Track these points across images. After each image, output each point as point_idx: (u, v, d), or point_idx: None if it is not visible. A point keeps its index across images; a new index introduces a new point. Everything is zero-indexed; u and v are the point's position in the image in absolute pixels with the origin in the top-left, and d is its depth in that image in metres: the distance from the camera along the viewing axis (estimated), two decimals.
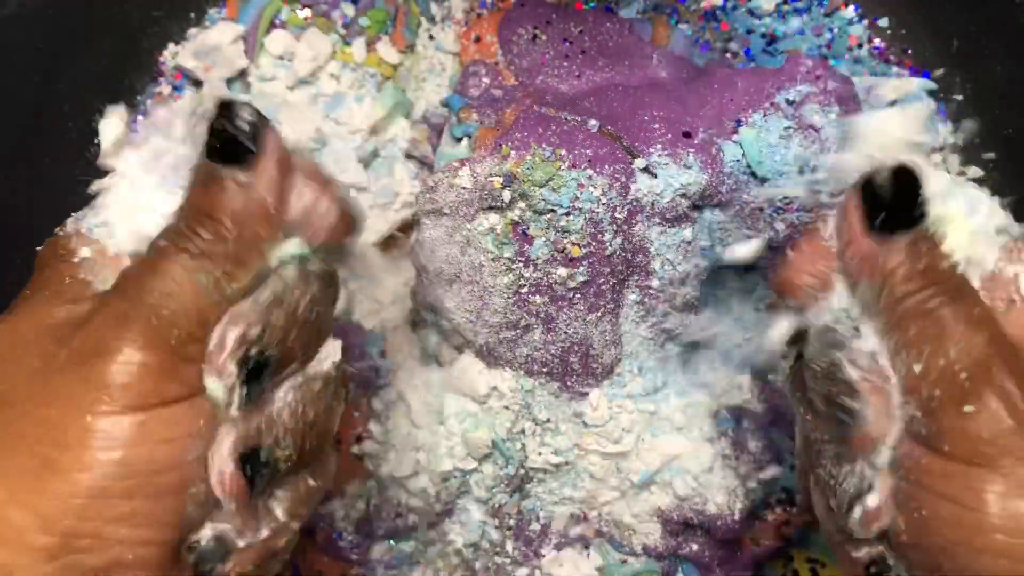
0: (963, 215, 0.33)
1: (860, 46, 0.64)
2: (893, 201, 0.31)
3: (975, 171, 0.62)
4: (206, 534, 0.31)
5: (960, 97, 0.62)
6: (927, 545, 0.30)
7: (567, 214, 0.45)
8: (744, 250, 0.48)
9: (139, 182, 0.35)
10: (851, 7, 0.63)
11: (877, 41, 0.64)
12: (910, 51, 0.63)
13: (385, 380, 0.53)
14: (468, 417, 0.51)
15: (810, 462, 0.37)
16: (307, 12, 0.62)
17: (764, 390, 0.54)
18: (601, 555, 0.54)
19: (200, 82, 0.60)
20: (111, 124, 0.38)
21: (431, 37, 0.62)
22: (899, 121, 0.36)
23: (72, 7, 0.55)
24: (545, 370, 0.50)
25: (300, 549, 0.57)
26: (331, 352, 0.35)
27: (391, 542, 0.54)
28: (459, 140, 0.52)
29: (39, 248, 0.36)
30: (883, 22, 0.64)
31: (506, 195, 0.45)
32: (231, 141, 0.31)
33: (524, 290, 0.47)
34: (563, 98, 0.51)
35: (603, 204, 0.45)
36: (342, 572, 0.54)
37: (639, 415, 0.50)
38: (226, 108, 0.31)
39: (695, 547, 0.52)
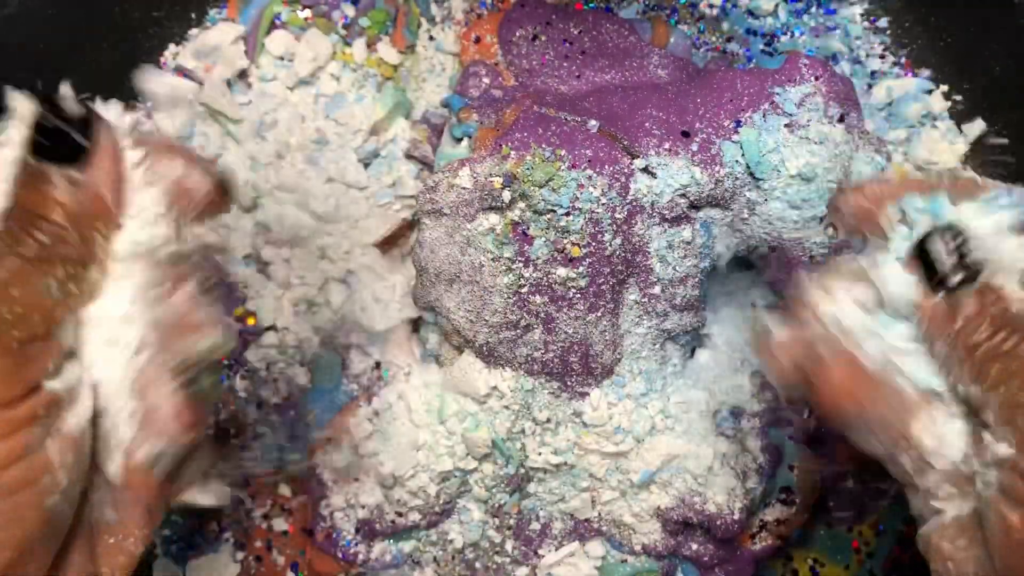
0: (1014, 251, 0.32)
1: (860, 46, 0.64)
2: (950, 261, 0.32)
3: (973, 171, 0.62)
4: None
5: (960, 97, 0.62)
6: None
7: (567, 214, 0.45)
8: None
9: None
10: (851, 7, 0.63)
11: (877, 41, 0.64)
12: (910, 51, 0.63)
13: (385, 380, 0.53)
14: (468, 417, 0.51)
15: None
16: (307, 13, 0.62)
17: (764, 390, 0.54)
18: (601, 554, 0.54)
19: (201, 82, 0.60)
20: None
21: (431, 37, 0.62)
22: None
23: (72, 7, 0.55)
24: (545, 370, 0.50)
25: (300, 549, 0.58)
26: None
27: (391, 542, 0.54)
28: (459, 140, 0.52)
29: None
30: (883, 22, 0.64)
31: (506, 195, 0.45)
32: (57, 136, 0.30)
33: (524, 290, 0.47)
34: (563, 98, 0.51)
35: (603, 204, 0.45)
36: (342, 572, 0.54)
37: (639, 415, 0.50)
38: (49, 102, 0.30)
39: (695, 547, 0.52)
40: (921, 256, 0.33)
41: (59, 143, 0.30)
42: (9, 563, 0.28)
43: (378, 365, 0.55)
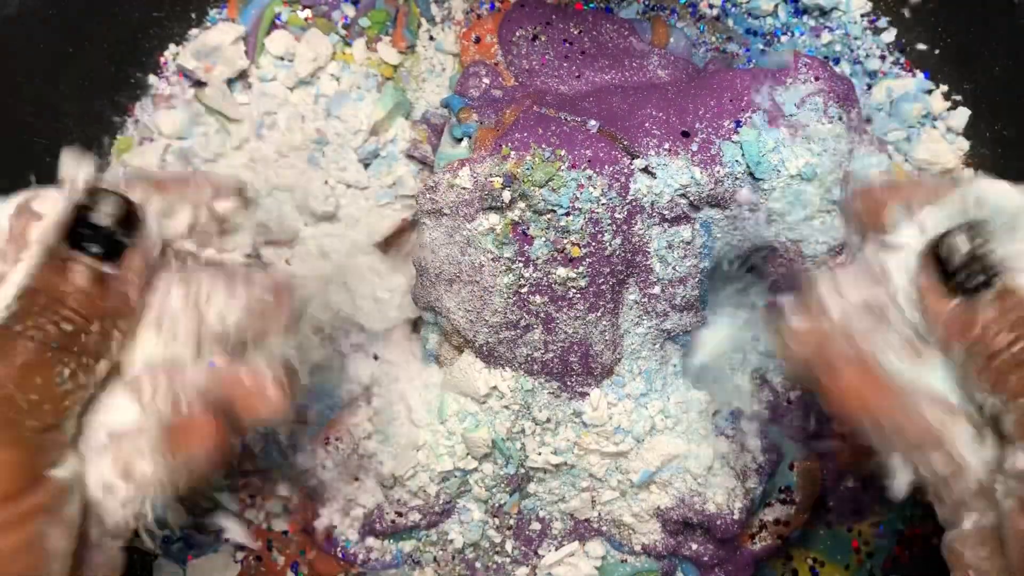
0: None
1: (860, 46, 0.64)
2: (966, 263, 0.30)
3: (971, 173, 0.62)
4: None
5: (959, 97, 0.62)
6: None
7: (567, 214, 0.45)
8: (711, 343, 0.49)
9: None
10: (850, 8, 0.63)
11: (877, 41, 0.64)
12: (910, 51, 0.63)
13: (385, 380, 0.53)
14: (468, 417, 0.51)
15: None
16: (307, 13, 0.62)
17: (764, 390, 0.54)
18: (601, 554, 0.54)
19: (201, 82, 0.60)
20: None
21: (431, 38, 0.62)
22: None
23: (72, 7, 0.55)
24: (545, 370, 0.50)
25: (300, 549, 0.58)
26: None
27: (391, 542, 0.54)
28: (459, 140, 0.52)
29: None
30: (882, 22, 0.64)
31: (506, 195, 0.45)
32: (94, 229, 0.30)
33: (524, 290, 0.47)
34: (563, 98, 0.51)
35: (603, 204, 0.45)
36: (342, 572, 0.54)
37: (639, 415, 0.50)
38: (94, 196, 0.30)
39: (695, 547, 0.52)
40: (936, 259, 0.31)
41: (95, 234, 0.30)
42: None
43: (378, 363, 0.55)
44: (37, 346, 0.28)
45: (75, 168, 0.32)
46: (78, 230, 0.30)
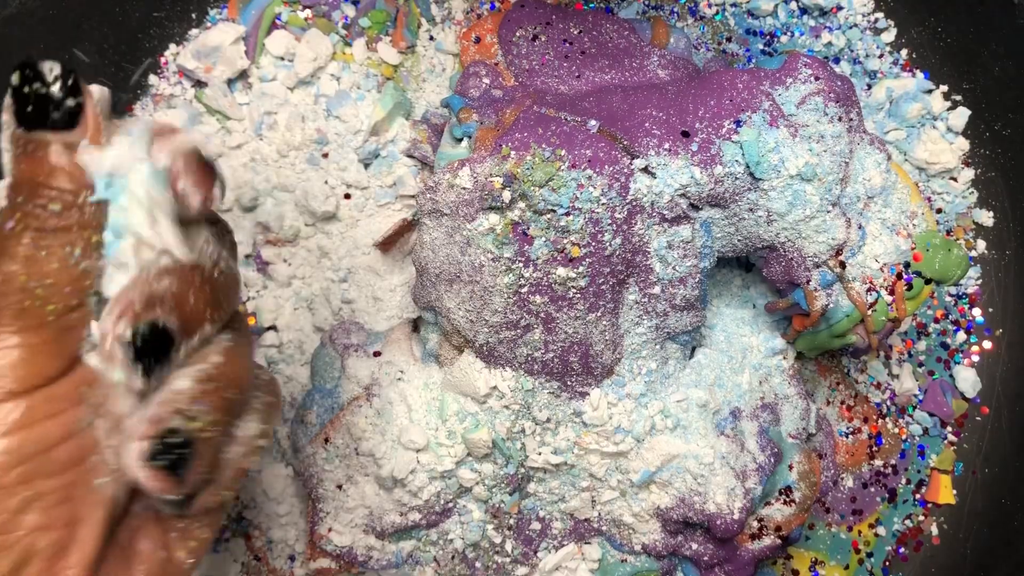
0: None
1: (860, 46, 0.64)
2: None
3: (971, 172, 0.63)
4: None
5: (959, 97, 0.62)
6: None
7: (567, 214, 0.45)
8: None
9: None
10: (850, 8, 0.63)
11: (877, 41, 0.64)
12: (910, 51, 0.63)
13: (385, 380, 0.53)
14: (468, 417, 0.51)
15: None
16: (307, 13, 0.62)
17: (764, 389, 0.54)
18: (601, 554, 0.54)
19: (202, 82, 0.60)
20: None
21: (431, 38, 0.62)
22: None
23: (72, 7, 0.55)
24: (545, 370, 0.50)
25: (301, 549, 0.58)
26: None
27: (391, 542, 0.54)
28: (459, 140, 0.52)
29: None
30: (883, 22, 0.64)
31: (506, 195, 0.45)
32: (42, 102, 0.29)
33: (524, 290, 0.47)
34: (563, 98, 0.51)
35: (603, 204, 0.45)
36: (342, 572, 0.54)
37: (639, 415, 0.50)
38: (30, 68, 0.29)
39: (695, 547, 0.52)
40: None
41: (42, 109, 0.29)
42: (59, 543, 0.28)
43: (378, 363, 0.55)
44: (34, 233, 0.28)
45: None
46: (28, 111, 0.29)
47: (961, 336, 0.63)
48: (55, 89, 0.29)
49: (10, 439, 0.27)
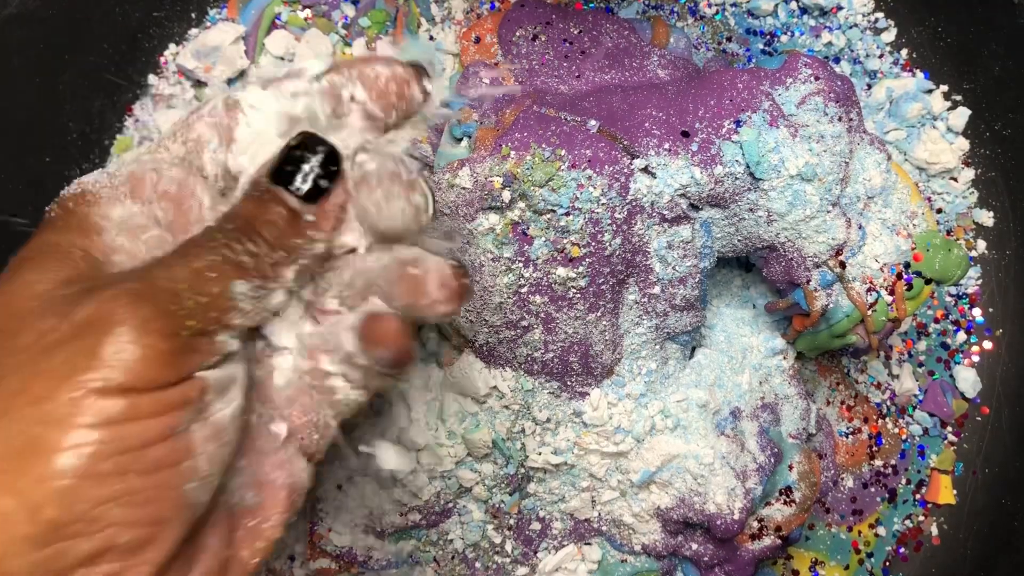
0: None
1: (860, 46, 0.64)
2: None
3: (971, 172, 0.63)
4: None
5: (959, 97, 0.62)
6: None
7: (567, 214, 0.45)
8: None
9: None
10: (851, 7, 0.63)
11: (876, 41, 0.64)
12: (910, 51, 0.63)
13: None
14: (468, 417, 0.51)
15: None
16: (307, 12, 0.62)
17: (764, 389, 0.54)
18: (601, 555, 0.54)
19: (202, 82, 0.60)
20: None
21: (431, 37, 0.62)
22: None
23: (72, 7, 0.55)
24: (545, 370, 0.50)
25: (300, 549, 0.57)
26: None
27: (391, 542, 0.54)
28: (459, 140, 0.52)
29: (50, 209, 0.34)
30: (883, 22, 0.64)
31: (506, 195, 0.45)
32: (298, 165, 0.31)
33: (524, 290, 0.47)
34: (563, 98, 0.51)
35: (602, 204, 0.45)
36: (342, 572, 0.54)
37: (639, 415, 0.50)
38: (305, 140, 0.32)
39: (695, 547, 0.52)
40: None
41: (294, 174, 0.32)
42: (138, 541, 0.28)
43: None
44: (218, 257, 0.30)
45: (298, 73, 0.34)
46: (285, 168, 0.32)
47: (961, 336, 0.63)
48: (314, 161, 0.32)
49: (111, 430, 0.27)
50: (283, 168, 0.32)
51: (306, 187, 0.31)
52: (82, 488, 0.27)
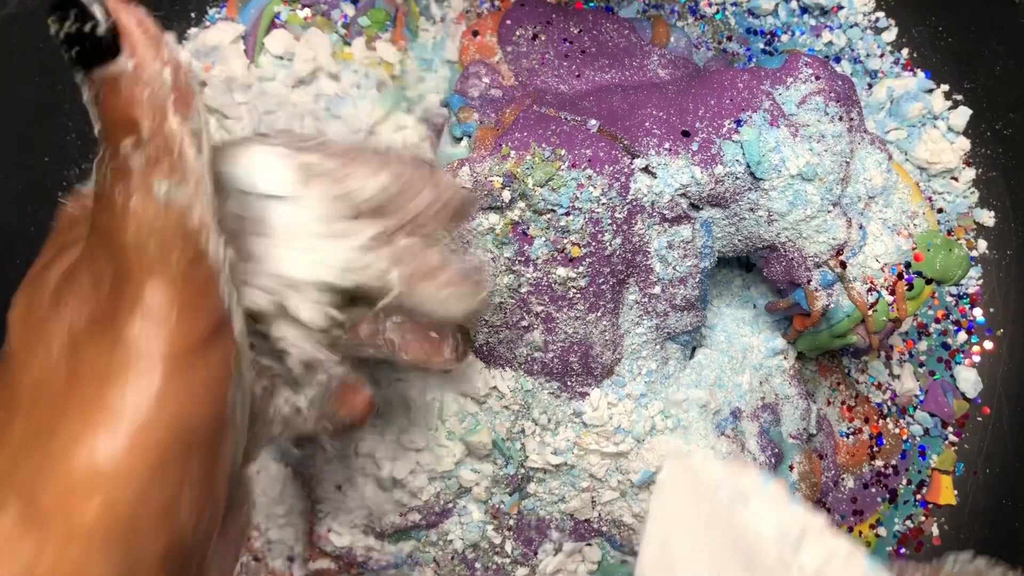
0: None
1: (860, 46, 0.64)
2: None
3: (971, 172, 0.62)
4: None
5: (960, 96, 0.62)
6: None
7: (567, 214, 0.45)
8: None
9: None
10: (851, 7, 0.63)
11: (877, 41, 0.64)
12: (910, 51, 0.63)
13: (385, 380, 0.53)
14: (468, 417, 0.51)
15: None
16: (307, 12, 0.62)
17: (765, 390, 0.54)
18: (601, 555, 0.54)
19: (201, 82, 0.60)
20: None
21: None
22: None
23: None
24: (545, 370, 0.49)
25: (300, 549, 0.57)
26: None
27: (391, 542, 0.53)
28: (459, 140, 0.51)
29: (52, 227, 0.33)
30: (883, 22, 0.63)
31: (506, 195, 0.45)
32: (90, 37, 0.26)
33: (524, 290, 0.47)
34: (563, 98, 0.51)
35: (603, 204, 0.45)
36: (342, 572, 0.54)
37: (639, 415, 0.50)
38: (61, 8, 0.26)
39: None
40: None
41: (93, 43, 0.26)
42: (204, 529, 0.27)
43: (378, 363, 0.55)
44: (122, 185, 0.26)
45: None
46: (76, 53, 0.26)
47: (962, 336, 0.63)
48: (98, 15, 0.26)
49: (171, 410, 0.25)
50: (78, 52, 0.26)
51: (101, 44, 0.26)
52: (151, 479, 0.25)
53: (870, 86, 0.63)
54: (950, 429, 0.63)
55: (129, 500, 0.25)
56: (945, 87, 0.62)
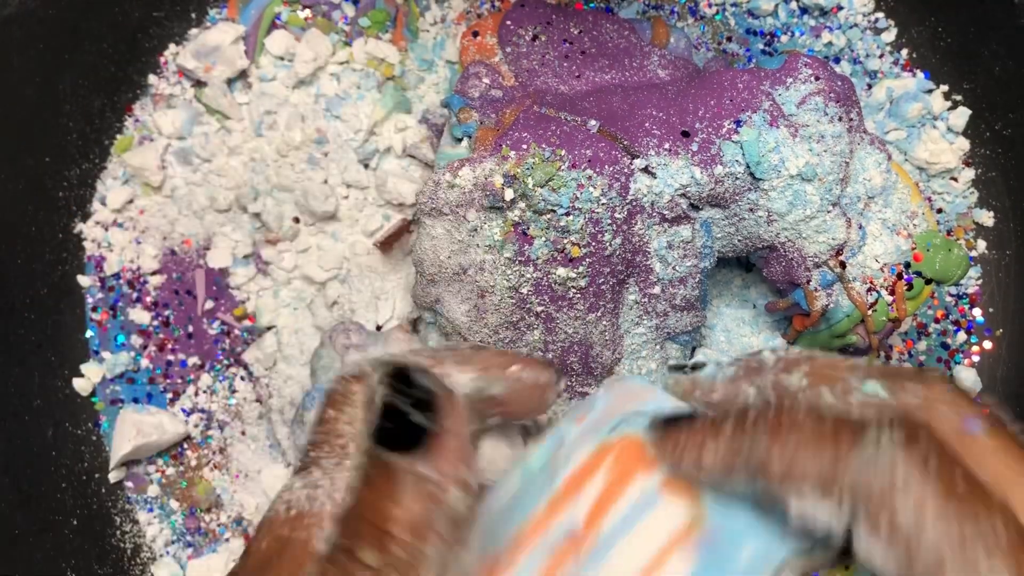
0: None
1: (860, 46, 0.64)
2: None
3: (971, 172, 0.62)
4: None
5: (959, 97, 0.62)
6: None
7: (567, 214, 0.45)
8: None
9: None
10: (851, 7, 0.63)
11: (876, 41, 0.64)
12: (910, 51, 0.63)
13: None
14: None
15: None
16: (307, 12, 0.62)
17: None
18: None
19: (202, 82, 0.60)
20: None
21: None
22: None
23: (72, 7, 0.55)
24: None
25: None
26: None
27: None
28: (459, 140, 0.52)
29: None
30: (882, 23, 0.64)
31: (506, 195, 0.45)
32: (401, 418, 0.23)
33: (524, 290, 0.47)
34: (563, 98, 0.51)
35: (603, 204, 0.45)
36: None
37: None
38: (401, 377, 0.24)
39: None
40: None
41: (402, 427, 0.23)
42: None
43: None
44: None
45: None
46: (386, 428, 0.23)
47: (961, 336, 0.63)
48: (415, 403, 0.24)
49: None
50: (386, 428, 0.24)
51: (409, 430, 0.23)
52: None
53: (870, 86, 0.63)
54: None
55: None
56: (944, 87, 0.62)
